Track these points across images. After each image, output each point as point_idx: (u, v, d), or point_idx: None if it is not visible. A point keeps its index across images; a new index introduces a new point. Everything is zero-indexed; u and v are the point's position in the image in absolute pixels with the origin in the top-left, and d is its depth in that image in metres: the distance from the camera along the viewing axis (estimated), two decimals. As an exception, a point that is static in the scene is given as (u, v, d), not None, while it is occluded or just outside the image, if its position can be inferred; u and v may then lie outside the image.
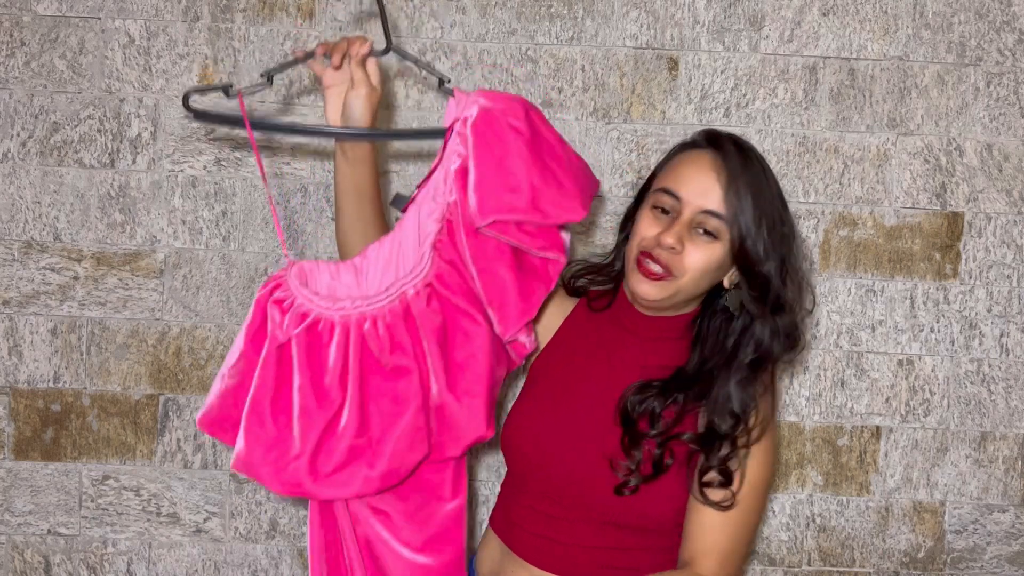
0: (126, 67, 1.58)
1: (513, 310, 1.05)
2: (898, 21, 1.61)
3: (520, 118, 1.05)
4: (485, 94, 1.06)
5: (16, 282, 1.59)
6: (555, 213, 1.04)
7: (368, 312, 1.03)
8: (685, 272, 1.11)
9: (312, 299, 1.02)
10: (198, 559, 1.62)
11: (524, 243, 1.04)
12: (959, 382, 1.64)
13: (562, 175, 1.05)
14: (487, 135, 1.03)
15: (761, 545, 1.65)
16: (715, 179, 1.10)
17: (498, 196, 1.02)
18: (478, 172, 1.03)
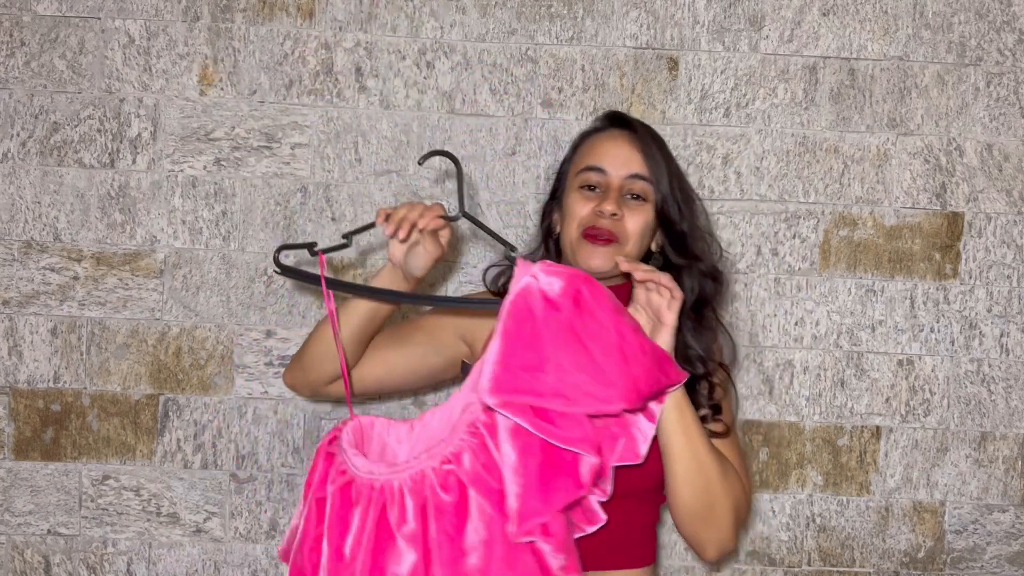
0: (126, 67, 1.58)
1: (528, 505, 0.95)
2: (898, 21, 1.61)
3: (566, 296, 0.97)
4: (547, 267, 1.00)
5: (16, 282, 1.59)
6: (582, 400, 0.94)
7: (388, 485, 1.00)
8: (629, 237, 1.20)
9: (351, 461, 1.03)
10: (198, 559, 1.62)
11: (542, 431, 0.94)
12: (959, 382, 1.64)
13: (605, 360, 0.95)
14: (521, 308, 0.97)
15: (761, 545, 1.65)
16: (632, 148, 1.21)
17: (513, 375, 0.95)
18: (501, 346, 0.96)
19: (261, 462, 1.61)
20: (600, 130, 1.28)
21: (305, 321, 1.60)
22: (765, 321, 1.62)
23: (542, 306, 0.97)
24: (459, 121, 1.60)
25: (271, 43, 1.59)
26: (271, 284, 1.60)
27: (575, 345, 0.95)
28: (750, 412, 1.63)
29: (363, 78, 1.59)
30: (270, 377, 1.60)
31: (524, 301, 0.98)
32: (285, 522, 1.62)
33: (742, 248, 1.62)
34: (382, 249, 1.61)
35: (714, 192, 1.61)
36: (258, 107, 1.59)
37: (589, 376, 0.94)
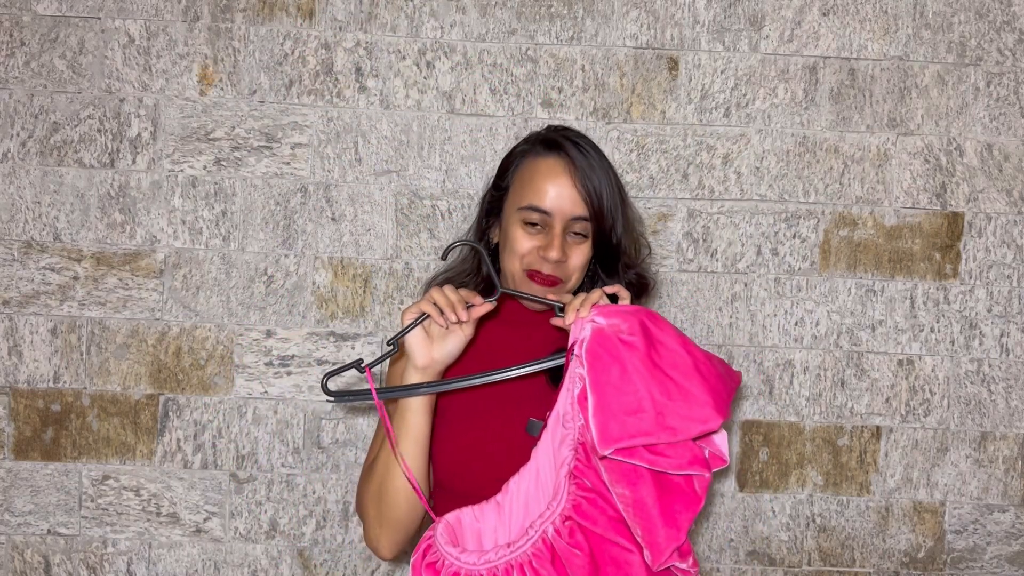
0: (126, 67, 1.58)
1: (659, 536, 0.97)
2: (898, 21, 1.61)
3: (634, 332, 1.00)
4: (601, 311, 1.03)
5: (16, 282, 1.59)
6: (685, 427, 0.97)
7: (515, 559, 1.00)
8: (571, 275, 1.23)
9: (460, 558, 1.02)
10: (198, 559, 1.62)
11: (658, 465, 0.97)
12: (959, 382, 1.64)
13: (688, 383, 0.99)
14: (601, 356, 0.99)
15: (761, 545, 1.65)
16: (571, 184, 1.20)
17: (620, 421, 0.97)
18: (595, 397, 0.98)
19: (261, 462, 1.61)
20: (534, 158, 1.25)
21: (305, 321, 1.60)
22: (765, 321, 1.62)
23: (620, 347, 0.99)
24: (459, 121, 1.60)
25: (271, 43, 1.59)
26: (271, 284, 1.60)
27: (659, 376, 0.98)
28: (750, 412, 1.63)
29: (363, 78, 1.59)
30: (270, 377, 1.60)
31: (601, 348, 1.00)
32: (285, 522, 1.62)
33: (742, 248, 1.62)
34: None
35: (714, 192, 1.61)
36: (258, 107, 1.59)
37: (683, 402, 0.98)
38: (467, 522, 1.09)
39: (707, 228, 1.61)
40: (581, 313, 1.06)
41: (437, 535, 1.05)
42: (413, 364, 1.15)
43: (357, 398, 1.16)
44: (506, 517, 1.08)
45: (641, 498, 0.97)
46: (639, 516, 0.97)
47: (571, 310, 1.08)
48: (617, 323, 1.01)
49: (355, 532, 1.62)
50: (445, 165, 1.60)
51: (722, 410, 0.99)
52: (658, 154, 1.61)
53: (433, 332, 1.15)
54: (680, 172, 1.61)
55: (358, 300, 1.61)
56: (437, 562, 1.03)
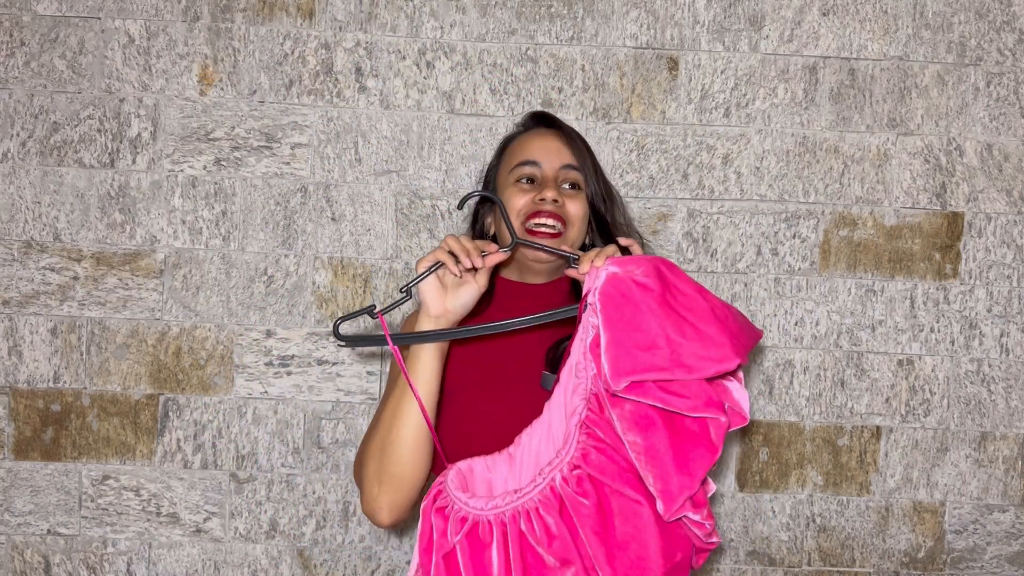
0: (126, 67, 1.58)
1: (672, 484, 0.95)
2: (898, 21, 1.61)
3: (650, 274, 0.99)
4: (616, 260, 1.02)
5: (16, 282, 1.59)
6: (700, 365, 0.95)
7: (522, 506, 0.99)
8: (573, 221, 1.23)
9: (468, 503, 1.01)
10: (198, 559, 1.62)
11: (671, 404, 0.95)
12: (959, 382, 1.64)
13: (704, 325, 0.97)
14: (614, 297, 0.99)
15: (761, 545, 1.65)
16: (561, 142, 1.26)
17: (632, 356, 0.95)
18: (608, 335, 0.97)
19: (261, 462, 1.61)
20: (526, 130, 1.33)
21: (305, 321, 1.60)
22: (765, 321, 1.62)
23: (635, 289, 0.98)
24: (459, 121, 1.60)
25: (271, 43, 1.59)
26: (271, 284, 1.60)
27: (674, 317, 0.97)
28: (750, 412, 1.63)
29: (363, 78, 1.59)
30: (270, 377, 1.60)
31: (615, 289, 0.99)
32: (285, 522, 1.62)
33: (742, 248, 1.62)
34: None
35: (714, 192, 1.61)
36: (258, 107, 1.59)
37: (699, 342, 0.96)
38: (479, 471, 1.08)
39: (707, 228, 1.61)
40: (596, 263, 1.05)
41: (448, 481, 1.04)
42: (427, 313, 1.14)
43: (370, 343, 1.15)
44: (517, 468, 1.07)
45: (653, 445, 0.95)
46: (651, 464, 0.95)
47: (586, 260, 1.07)
48: (631, 267, 1.00)
49: (355, 532, 1.62)
50: (445, 165, 1.60)
51: (740, 351, 0.97)
52: (658, 154, 1.61)
53: (447, 282, 1.14)
54: (680, 172, 1.61)
55: (358, 300, 1.61)
56: (447, 507, 1.03)
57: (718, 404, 0.96)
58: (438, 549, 1.00)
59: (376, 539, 1.62)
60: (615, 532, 0.96)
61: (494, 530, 0.99)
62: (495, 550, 0.98)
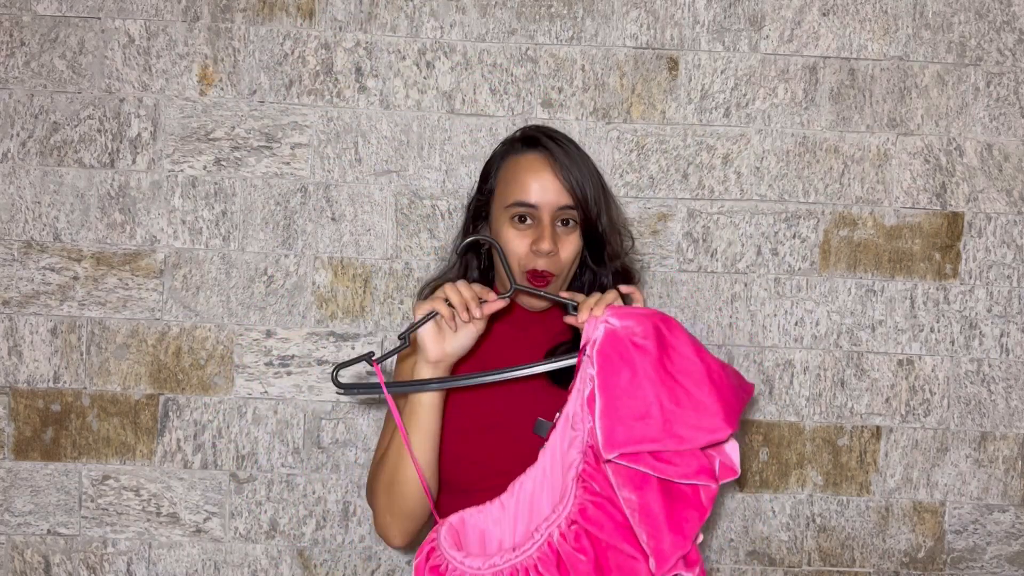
0: (126, 67, 1.58)
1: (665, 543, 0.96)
2: (898, 21, 1.61)
3: (648, 336, 0.99)
4: (615, 312, 1.01)
5: (16, 282, 1.59)
6: (692, 436, 0.96)
7: (520, 563, 0.99)
8: (564, 267, 1.24)
9: (464, 562, 1.01)
10: (198, 559, 1.62)
11: (663, 472, 0.96)
12: (959, 382, 1.64)
13: (699, 392, 0.98)
14: (612, 358, 0.98)
15: (761, 545, 1.65)
16: (553, 175, 1.22)
17: (625, 425, 0.96)
18: (603, 399, 0.97)
19: (261, 462, 1.61)
20: (519, 154, 1.27)
21: (305, 321, 1.60)
22: (765, 321, 1.62)
23: (632, 351, 0.98)
24: (459, 121, 1.60)
25: (271, 43, 1.59)
26: (271, 284, 1.60)
27: (670, 383, 0.97)
28: (750, 412, 1.63)
29: (363, 78, 1.59)
30: (270, 377, 1.60)
31: (612, 349, 0.99)
32: (285, 522, 1.62)
33: (742, 248, 1.62)
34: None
35: (714, 192, 1.61)
36: (258, 107, 1.59)
37: (693, 411, 0.97)
38: (471, 523, 1.08)
39: (707, 228, 1.61)
40: (595, 312, 1.05)
41: (441, 538, 1.04)
42: (425, 358, 1.14)
43: (367, 391, 1.15)
44: (510, 518, 1.08)
45: (647, 503, 0.96)
46: (645, 522, 0.96)
47: (584, 309, 1.07)
48: (631, 325, 1.00)
49: (355, 532, 1.62)
50: (445, 165, 1.60)
51: (732, 421, 0.98)
52: (658, 154, 1.61)
53: (445, 325, 1.14)
54: (680, 172, 1.61)
55: (358, 300, 1.61)
56: (441, 565, 1.02)
57: (709, 471, 0.97)
58: None
59: (376, 539, 1.62)
60: None
61: None
62: None
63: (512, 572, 0.99)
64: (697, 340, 1.03)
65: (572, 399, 1.04)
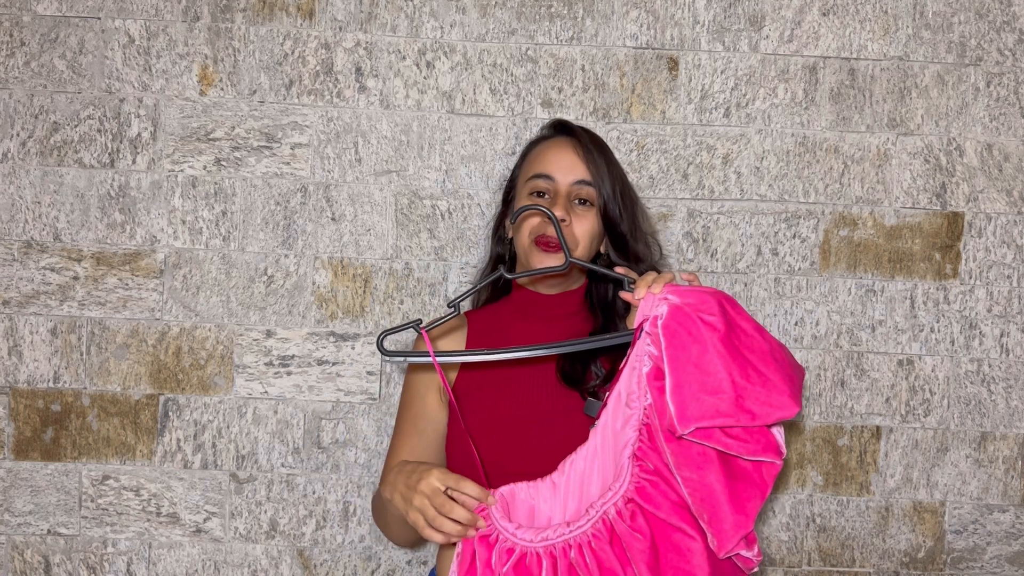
0: (126, 67, 1.58)
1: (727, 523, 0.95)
2: (898, 21, 1.61)
3: (714, 312, 0.97)
4: (675, 290, 1.00)
5: (16, 282, 1.59)
6: (764, 412, 0.95)
7: (573, 539, 0.98)
8: (578, 242, 1.24)
9: (516, 534, 1.00)
10: (198, 559, 1.62)
11: (732, 449, 0.95)
12: (959, 382, 1.64)
13: (766, 368, 0.97)
14: (679, 334, 0.96)
15: (761, 545, 1.64)
16: (576, 155, 1.26)
17: (699, 401, 0.95)
18: (674, 376, 0.96)
19: (261, 462, 1.61)
20: (546, 138, 1.34)
21: (305, 321, 1.60)
22: (765, 321, 1.62)
23: (701, 327, 0.96)
24: (459, 121, 1.60)
25: (271, 43, 1.59)
26: (271, 284, 1.60)
27: (740, 360, 0.96)
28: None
29: (363, 78, 1.59)
30: (270, 377, 1.60)
31: (680, 325, 0.97)
32: (285, 522, 1.62)
33: (742, 248, 1.62)
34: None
35: (714, 192, 1.61)
36: (258, 107, 1.59)
37: (762, 387, 0.95)
38: (521, 497, 1.06)
39: (707, 228, 1.61)
40: (654, 289, 1.02)
41: (492, 508, 1.02)
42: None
43: (416, 357, 1.14)
44: (561, 496, 1.06)
45: (709, 483, 0.95)
46: (706, 501, 0.95)
47: (642, 285, 1.05)
48: (695, 302, 0.98)
49: (355, 532, 1.62)
50: (445, 165, 1.60)
51: (798, 399, 0.97)
52: (658, 154, 1.61)
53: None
54: (680, 172, 1.61)
55: (358, 300, 1.61)
56: (491, 535, 1.01)
57: (775, 448, 0.96)
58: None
59: (376, 539, 1.62)
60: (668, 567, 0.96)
61: (544, 562, 0.98)
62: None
63: (565, 547, 0.98)
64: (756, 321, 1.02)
65: (625, 377, 1.02)
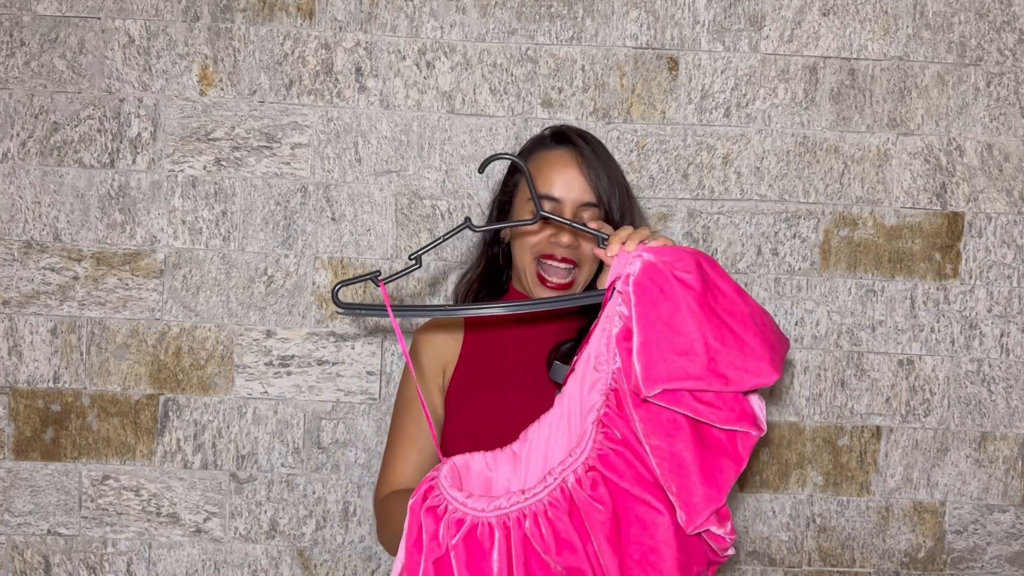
0: (126, 67, 1.58)
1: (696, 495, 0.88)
2: (898, 21, 1.61)
3: (690, 270, 0.90)
4: (650, 249, 0.93)
5: (16, 282, 1.59)
6: (738, 378, 0.88)
7: (528, 508, 0.90)
8: (585, 261, 1.23)
9: (466, 503, 0.92)
10: (198, 559, 1.62)
11: (703, 415, 0.88)
12: (959, 382, 1.64)
13: (744, 332, 0.89)
14: (651, 291, 0.89)
15: (761, 545, 1.65)
16: (579, 172, 1.23)
17: (667, 360, 0.87)
18: (643, 334, 0.88)
19: (261, 462, 1.61)
20: (547, 149, 1.28)
21: (305, 321, 1.60)
22: (765, 321, 1.62)
23: (674, 284, 0.89)
24: (459, 121, 1.60)
25: (271, 43, 1.59)
26: (271, 284, 1.60)
27: (714, 320, 0.88)
28: (750, 412, 1.63)
29: (363, 78, 1.59)
30: (270, 377, 1.60)
31: (651, 282, 0.90)
32: (285, 522, 1.62)
33: (742, 248, 1.62)
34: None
35: (714, 192, 1.61)
36: (258, 107, 1.59)
37: (738, 351, 0.88)
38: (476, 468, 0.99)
39: (707, 228, 1.61)
40: (627, 247, 0.97)
41: (441, 477, 0.95)
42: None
43: (369, 312, 1.07)
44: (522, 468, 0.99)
45: (678, 452, 0.88)
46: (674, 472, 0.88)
47: (615, 242, 0.99)
48: (670, 260, 0.91)
49: (355, 532, 1.62)
50: (445, 165, 1.60)
51: (778, 367, 0.90)
52: (658, 154, 1.61)
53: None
54: (680, 172, 1.61)
55: (358, 300, 1.61)
56: (439, 507, 0.93)
57: (751, 417, 0.90)
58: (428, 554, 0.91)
59: (376, 539, 1.62)
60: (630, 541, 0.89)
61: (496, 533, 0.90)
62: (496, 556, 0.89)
63: (520, 516, 0.91)
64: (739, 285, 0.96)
65: (595, 339, 0.95)
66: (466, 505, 0.92)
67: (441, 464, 0.99)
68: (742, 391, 0.89)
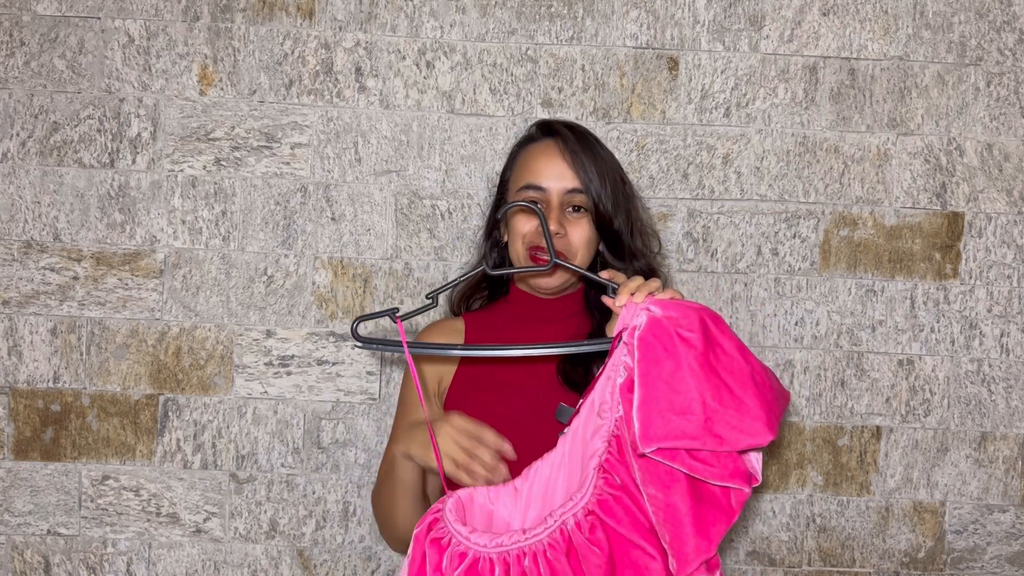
0: (126, 67, 1.58)
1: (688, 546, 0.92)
2: (898, 21, 1.61)
3: (694, 329, 0.93)
4: (657, 302, 0.97)
5: (16, 282, 1.59)
6: (733, 438, 0.92)
7: (528, 547, 0.95)
8: (576, 251, 1.24)
9: (470, 538, 0.96)
10: (198, 559, 1.61)
11: (698, 472, 0.92)
12: (959, 382, 1.64)
13: (743, 392, 0.93)
14: (654, 348, 0.93)
15: (761, 545, 1.65)
16: (564, 160, 1.24)
17: (665, 419, 0.91)
18: (643, 390, 0.92)
19: (261, 462, 1.61)
20: (533, 141, 1.30)
21: (305, 321, 1.60)
22: (765, 321, 1.62)
23: (677, 342, 0.93)
24: (459, 121, 1.60)
25: (271, 43, 1.59)
26: (271, 284, 1.60)
27: (714, 380, 0.92)
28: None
29: (363, 78, 1.59)
30: (270, 377, 1.60)
31: (655, 338, 0.94)
32: (285, 522, 1.62)
33: (742, 248, 1.62)
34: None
35: (714, 192, 1.61)
36: (258, 107, 1.59)
37: (735, 412, 0.92)
38: (480, 502, 1.04)
39: (707, 228, 1.61)
40: (636, 299, 1.00)
41: (446, 511, 1.00)
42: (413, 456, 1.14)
43: (386, 348, 1.12)
44: (522, 503, 1.03)
45: (674, 503, 0.92)
46: (669, 521, 0.92)
47: (624, 292, 1.01)
48: (676, 316, 0.94)
49: (355, 532, 1.62)
50: (445, 165, 1.60)
51: (773, 427, 0.93)
52: (658, 154, 1.61)
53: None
54: (680, 172, 1.61)
55: (358, 300, 1.61)
56: (443, 539, 0.98)
57: (743, 474, 0.93)
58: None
59: (376, 539, 1.62)
60: None
61: (496, 568, 0.95)
62: None
63: (520, 554, 0.95)
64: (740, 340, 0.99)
65: (600, 386, 0.99)
66: (469, 540, 0.97)
67: (446, 497, 1.03)
68: (736, 450, 0.93)
